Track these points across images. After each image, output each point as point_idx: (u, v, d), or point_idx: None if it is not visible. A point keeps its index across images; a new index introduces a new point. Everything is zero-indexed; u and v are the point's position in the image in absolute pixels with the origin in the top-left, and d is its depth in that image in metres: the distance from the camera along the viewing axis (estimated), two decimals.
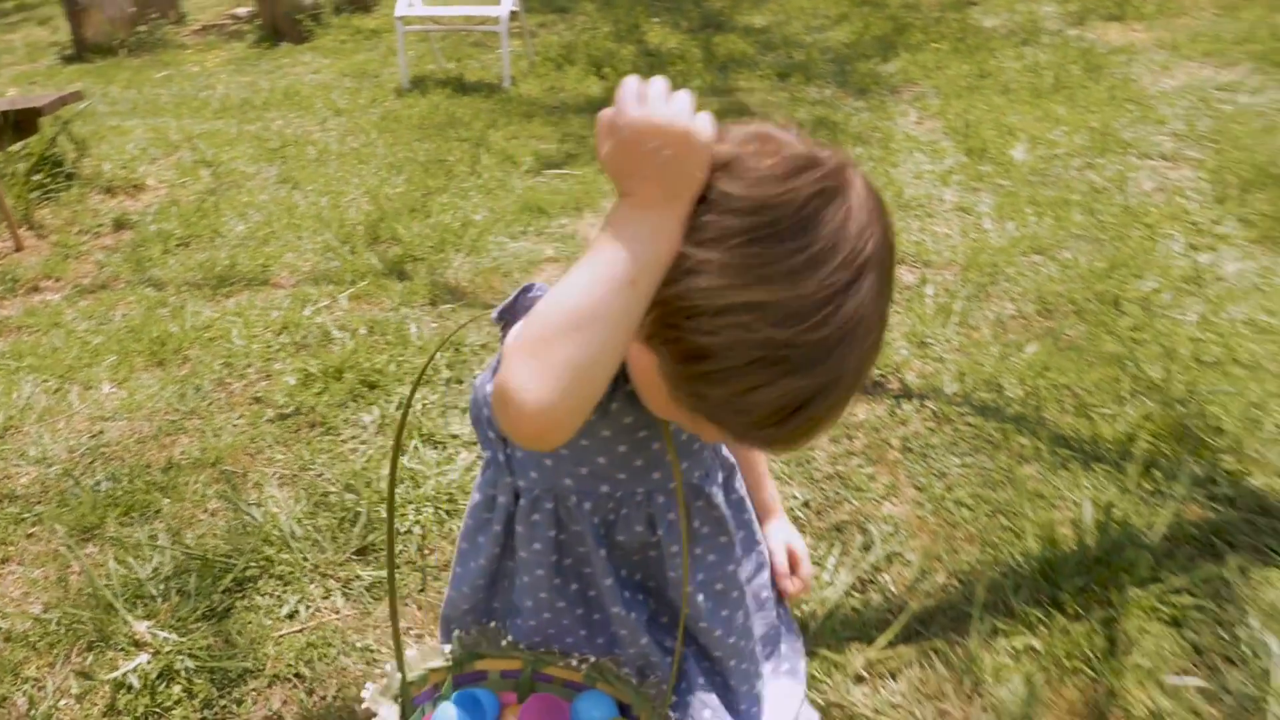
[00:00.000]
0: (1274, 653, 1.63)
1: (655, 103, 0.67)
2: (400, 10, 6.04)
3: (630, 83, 0.69)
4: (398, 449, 0.88)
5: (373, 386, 2.65)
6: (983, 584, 1.83)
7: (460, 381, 2.67)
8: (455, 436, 2.41)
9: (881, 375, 2.57)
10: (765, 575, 1.12)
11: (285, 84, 6.45)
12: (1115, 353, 2.59)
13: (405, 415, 0.91)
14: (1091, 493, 2.04)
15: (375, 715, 0.96)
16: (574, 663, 1.02)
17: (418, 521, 2.10)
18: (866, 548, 1.95)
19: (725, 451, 1.06)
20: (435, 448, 2.36)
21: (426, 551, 2.03)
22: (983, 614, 1.76)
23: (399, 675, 1.00)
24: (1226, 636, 1.69)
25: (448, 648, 1.05)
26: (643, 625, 1.01)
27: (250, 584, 1.95)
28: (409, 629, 1.84)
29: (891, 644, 1.73)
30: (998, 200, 3.73)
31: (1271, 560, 1.85)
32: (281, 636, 1.83)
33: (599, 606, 1.04)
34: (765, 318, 0.65)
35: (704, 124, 0.68)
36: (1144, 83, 5.18)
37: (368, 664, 1.76)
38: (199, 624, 1.85)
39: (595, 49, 6.61)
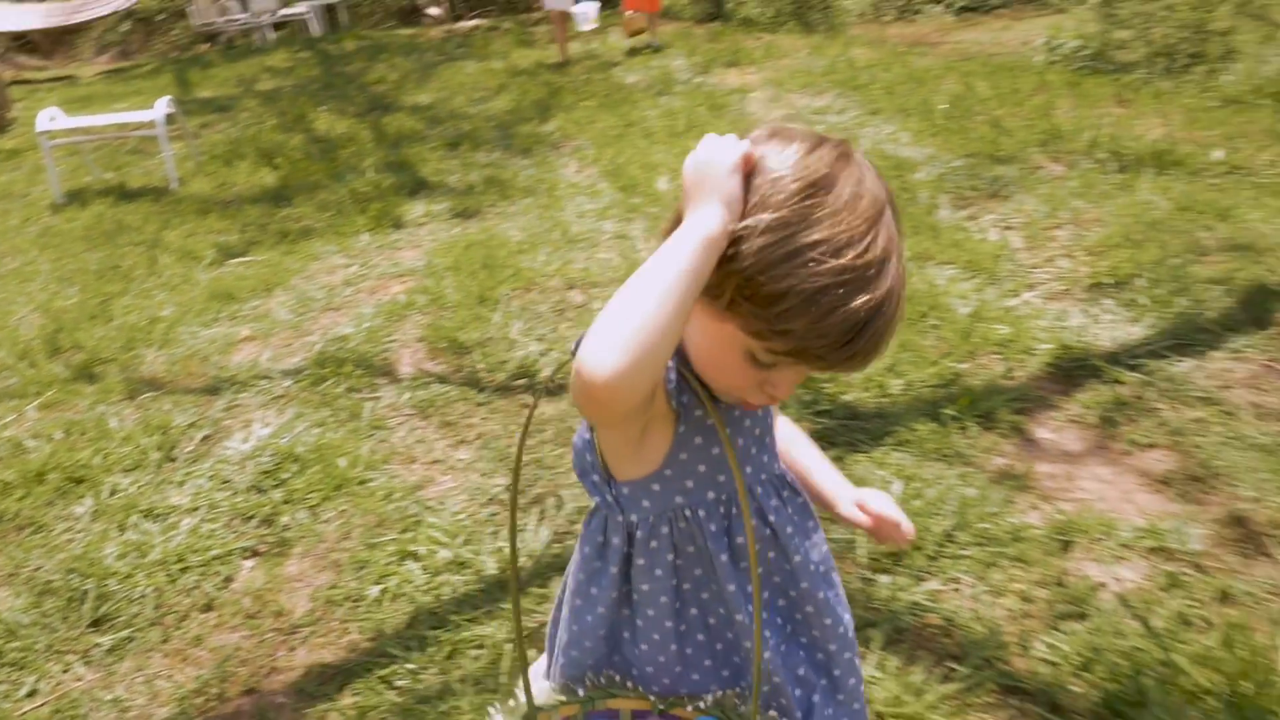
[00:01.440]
0: None
1: (704, 147, 0.88)
2: (42, 125, 5.82)
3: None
4: (517, 477, 1.03)
5: (80, 481, 2.67)
6: None
7: (173, 460, 2.76)
8: (175, 507, 2.51)
9: (564, 376, 2.97)
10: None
11: None
12: None
13: (520, 454, 1.05)
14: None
15: None
16: (701, 704, 1.05)
17: (151, 585, 2.20)
18: (559, 508, 2.32)
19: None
20: (156, 520, 2.45)
21: (162, 609, 2.14)
22: None
23: (526, 700, 1.04)
24: None
25: (580, 691, 1.09)
26: (775, 649, 1.06)
27: None
28: (160, 673, 1.95)
29: None
30: (648, 225, 4.33)
31: (859, 448, 2.44)
32: (24, 714, 1.88)
33: (720, 634, 1.08)
34: (826, 251, 0.82)
35: (730, 147, 0.86)
36: (758, 114, 6.13)
37: (121, 711, 1.87)
38: None
39: (263, 141, 6.70)
